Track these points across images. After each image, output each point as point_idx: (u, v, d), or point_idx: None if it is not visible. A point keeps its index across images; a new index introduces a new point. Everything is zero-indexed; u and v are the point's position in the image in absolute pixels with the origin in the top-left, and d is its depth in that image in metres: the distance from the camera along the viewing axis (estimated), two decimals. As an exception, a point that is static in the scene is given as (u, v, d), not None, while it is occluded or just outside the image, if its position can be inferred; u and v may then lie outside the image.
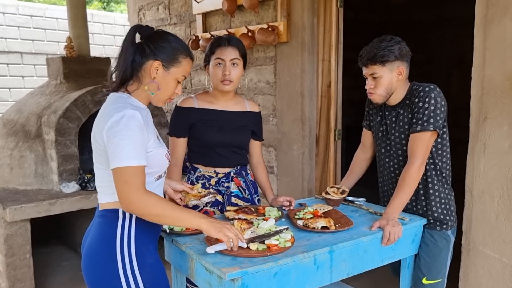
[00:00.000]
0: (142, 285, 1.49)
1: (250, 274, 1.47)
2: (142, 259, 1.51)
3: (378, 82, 1.94)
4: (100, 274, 1.50)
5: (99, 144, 1.48)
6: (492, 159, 2.13)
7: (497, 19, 2.06)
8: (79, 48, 3.95)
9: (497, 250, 2.15)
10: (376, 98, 1.99)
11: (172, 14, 4.50)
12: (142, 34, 1.55)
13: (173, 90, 1.59)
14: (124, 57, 1.52)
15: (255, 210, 2.02)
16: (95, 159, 1.55)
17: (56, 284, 3.43)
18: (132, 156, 1.40)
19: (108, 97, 1.56)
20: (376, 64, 1.91)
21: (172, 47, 1.55)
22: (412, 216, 2.02)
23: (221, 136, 2.12)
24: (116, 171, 1.40)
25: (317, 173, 3.27)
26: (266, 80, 3.49)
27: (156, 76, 1.53)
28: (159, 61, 1.53)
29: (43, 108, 3.59)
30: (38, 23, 8.01)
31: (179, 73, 1.57)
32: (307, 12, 3.10)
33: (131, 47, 1.52)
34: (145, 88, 1.54)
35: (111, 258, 1.48)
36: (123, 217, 1.52)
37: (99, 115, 1.52)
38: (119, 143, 1.39)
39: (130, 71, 1.52)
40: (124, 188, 1.40)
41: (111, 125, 1.41)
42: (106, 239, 1.50)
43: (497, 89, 2.09)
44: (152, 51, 1.52)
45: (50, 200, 3.11)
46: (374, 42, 1.94)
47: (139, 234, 1.52)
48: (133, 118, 1.43)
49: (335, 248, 1.69)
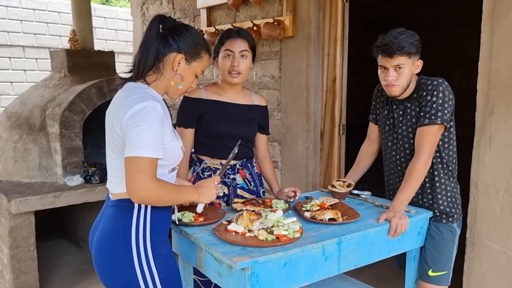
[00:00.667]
0: (157, 274, 1.49)
1: (260, 263, 1.47)
2: (156, 249, 1.51)
3: (402, 73, 1.92)
4: (114, 265, 1.49)
5: (116, 133, 1.47)
6: (498, 153, 2.15)
7: (504, 14, 2.07)
8: (83, 41, 3.95)
9: (502, 243, 2.17)
10: (396, 90, 1.96)
11: (176, 8, 4.49)
12: (164, 25, 1.55)
13: (190, 84, 1.62)
14: (148, 47, 1.51)
15: (262, 202, 2.03)
16: (109, 148, 1.54)
17: (59, 278, 3.44)
18: (151, 147, 1.40)
19: (126, 85, 1.55)
20: (403, 55, 1.89)
21: (195, 42, 1.56)
22: (418, 209, 2.03)
23: (229, 128, 2.13)
24: (132, 160, 1.39)
25: (322, 168, 3.28)
26: (271, 75, 3.50)
27: (178, 69, 1.55)
28: (182, 54, 1.54)
29: (47, 101, 3.59)
30: (41, 16, 7.99)
31: (199, 67, 1.60)
32: (313, 7, 3.11)
33: (155, 37, 1.52)
34: (171, 83, 1.55)
35: (126, 248, 1.47)
36: (138, 206, 1.51)
37: (118, 104, 1.50)
38: (139, 133, 1.39)
39: (151, 61, 1.52)
40: (139, 178, 1.39)
41: (132, 115, 1.41)
42: (120, 229, 1.49)
43: (504, 84, 2.10)
44: (176, 43, 1.53)
45: (55, 192, 3.12)
46: (394, 33, 1.90)
47: (154, 224, 1.52)
48: (155, 109, 1.43)
49: (343, 239, 1.70)
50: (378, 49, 1.94)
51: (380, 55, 1.94)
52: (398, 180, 2.10)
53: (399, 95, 2.00)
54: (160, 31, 1.54)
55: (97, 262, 1.54)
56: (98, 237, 1.54)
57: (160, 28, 1.54)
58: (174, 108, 4.65)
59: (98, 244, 1.53)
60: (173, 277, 1.57)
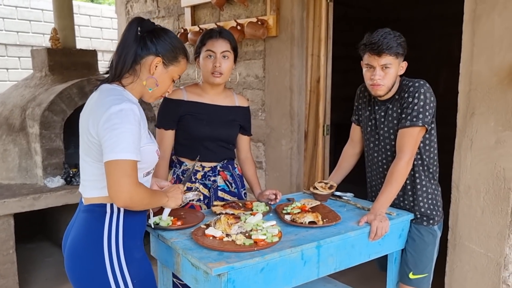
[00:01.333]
0: (130, 281, 1.47)
1: (236, 269, 1.45)
2: (130, 254, 1.48)
3: (388, 73, 1.91)
4: (86, 271, 1.47)
5: (91, 136, 1.43)
6: (479, 155, 2.15)
7: (485, 15, 2.07)
8: (65, 40, 3.88)
9: (483, 245, 2.17)
10: (382, 89, 1.95)
11: (160, 7, 4.44)
12: (143, 28, 1.52)
13: (167, 88, 1.60)
14: (126, 49, 1.49)
15: (242, 205, 2.00)
16: (82, 151, 1.50)
17: (41, 280, 3.38)
18: (131, 150, 1.38)
19: (100, 88, 1.52)
20: (391, 55, 1.88)
21: (173, 46, 1.55)
22: (399, 211, 2.03)
23: (210, 130, 2.10)
24: (114, 163, 1.36)
25: (306, 168, 3.26)
26: (255, 75, 3.47)
27: (154, 72, 1.53)
28: (160, 58, 1.52)
29: (27, 100, 3.52)
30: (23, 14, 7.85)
31: (176, 72, 1.58)
32: (297, 6, 3.08)
33: (133, 39, 1.49)
34: (143, 83, 1.53)
35: (98, 254, 1.45)
36: (111, 211, 1.48)
37: (92, 106, 1.48)
38: (118, 136, 1.36)
39: (129, 64, 1.49)
40: (125, 181, 1.36)
41: (109, 117, 1.38)
42: (92, 234, 1.47)
43: (485, 85, 2.10)
44: (155, 46, 1.51)
45: (34, 194, 3.06)
46: (383, 33, 1.89)
47: (127, 229, 1.49)
48: (132, 111, 1.41)
49: (323, 243, 1.69)
50: (366, 48, 1.91)
51: (368, 53, 1.92)
52: (380, 181, 2.09)
53: (384, 95, 1.98)
54: (139, 33, 1.51)
55: (69, 267, 1.51)
56: (70, 242, 1.51)
57: (139, 30, 1.51)
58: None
59: (70, 249, 1.50)
60: (148, 282, 1.54)
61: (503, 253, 2.10)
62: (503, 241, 2.09)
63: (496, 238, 2.12)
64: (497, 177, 2.09)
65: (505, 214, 2.08)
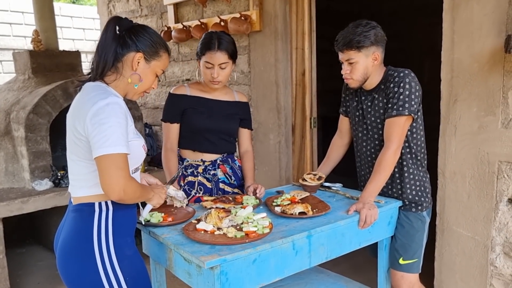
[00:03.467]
0: (122, 278, 1.47)
1: (229, 261, 1.46)
2: (120, 252, 1.48)
3: (354, 67, 1.95)
4: (78, 270, 1.47)
5: (78, 133, 1.43)
6: (463, 140, 2.19)
7: (464, 3, 2.10)
8: (47, 42, 3.83)
9: (470, 228, 2.22)
10: (352, 83, 2.01)
11: (142, 6, 4.42)
12: (121, 26, 1.53)
13: (151, 83, 1.60)
14: (105, 48, 1.50)
15: (232, 199, 2.02)
16: (70, 150, 1.50)
17: (32, 284, 3.35)
18: (121, 143, 1.39)
19: (84, 86, 1.52)
20: (352, 49, 1.92)
21: (153, 41, 1.56)
22: (387, 199, 2.06)
23: (210, 122, 2.19)
24: (104, 158, 1.36)
25: (294, 162, 3.28)
26: (240, 70, 3.47)
27: (137, 68, 1.53)
28: (141, 53, 1.53)
29: (11, 104, 3.47)
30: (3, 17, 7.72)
31: (158, 66, 1.59)
32: (279, 1, 3.09)
33: (112, 38, 1.50)
34: (128, 81, 1.54)
35: (89, 253, 1.45)
36: (99, 210, 1.49)
37: (77, 103, 1.48)
38: (107, 130, 1.36)
39: (111, 62, 1.50)
40: (119, 174, 1.37)
41: (96, 112, 1.38)
42: (82, 234, 1.47)
43: (466, 72, 2.14)
44: (134, 42, 1.52)
45: (22, 198, 3.03)
46: (350, 27, 1.94)
47: (116, 227, 1.50)
48: (118, 105, 1.42)
49: (313, 233, 1.71)
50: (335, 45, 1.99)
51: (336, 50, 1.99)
52: (369, 170, 2.11)
53: (358, 87, 2.03)
54: (117, 32, 1.52)
55: (61, 267, 1.51)
56: (61, 242, 1.51)
57: (117, 29, 1.52)
58: (146, 107, 4.58)
59: (61, 250, 1.50)
60: (140, 279, 1.54)
61: (490, 236, 2.15)
62: (489, 224, 2.14)
63: (483, 221, 2.16)
64: (481, 162, 2.13)
65: (490, 197, 2.12)
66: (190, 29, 3.68)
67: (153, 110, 4.50)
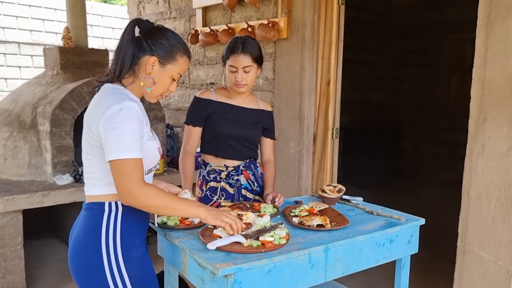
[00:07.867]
0: (128, 279, 1.47)
1: (243, 270, 1.44)
2: (128, 253, 1.49)
3: None
4: (85, 268, 1.49)
5: (93, 134, 1.45)
6: (491, 161, 2.12)
7: (499, 20, 2.05)
8: (77, 39, 3.90)
9: (493, 253, 2.14)
10: None
11: (172, 8, 4.46)
12: (141, 28, 1.54)
13: (167, 87, 1.58)
14: (123, 50, 1.50)
15: (250, 207, 2.00)
16: (85, 149, 1.52)
17: (47, 277, 3.39)
18: (132, 148, 1.39)
19: (102, 87, 1.53)
20: None
21: (170, 44, 1.53)
22: (408, 216, 2.00)
23: (234, 129, 2.19)
24: (116, 163, 1.38)
25: (314, 172, 3.25)
26: (265, 77, 3.47)
27: (151, 72, 1.52)
28: (155, 57, 1.52)
29: (38, 98, 3.55)
30: (36, 13, 7.94)
31: (175, 70, 1.56)
32: (308, 9, 3.08)
33: (130, 40, 1.50)
34: (141, 84, 1.53)
35: (96, 252, 1.46)
36: (108, 210, 1.50)
37: (94, 105, 1.49)
38: (119, 135, 1.37)
39: (128, 65, 1.50)
40: (125, 181, 1.38)
41: (110, 117, 1.39)
42: (91, 233, 1.48)
43: (498, 91, 2.08)
44: (150, 46, 1.51)
45: (43, 191, 3.08)
46: None
47: (125, 228, 1.50)
48: (132, 110, 1.42)
49: (330, 247, 1.67)
50: None
51: None
52: None
53: None
54: (136, 34, 1.53)
55: (71, 264, 1.53)
56: (73, 240, 1.54)
57: (136, 31, 1.52)
58: (169, 108, 4.62)
59: (72, 246, 1.53)
60: (147, 281, 1.54)
61: (514, 262, 2.07)
62: (513, 249, 2.07)
63: (507, 246, 2.09)
64: (508, 184, 2.06)
65: (517, 222, 2.05)
66: (217, 33, 3.69)
67: (176, 112, 4.53)
